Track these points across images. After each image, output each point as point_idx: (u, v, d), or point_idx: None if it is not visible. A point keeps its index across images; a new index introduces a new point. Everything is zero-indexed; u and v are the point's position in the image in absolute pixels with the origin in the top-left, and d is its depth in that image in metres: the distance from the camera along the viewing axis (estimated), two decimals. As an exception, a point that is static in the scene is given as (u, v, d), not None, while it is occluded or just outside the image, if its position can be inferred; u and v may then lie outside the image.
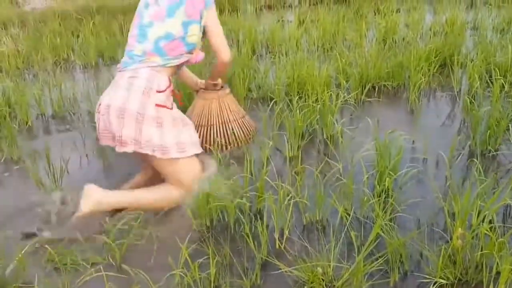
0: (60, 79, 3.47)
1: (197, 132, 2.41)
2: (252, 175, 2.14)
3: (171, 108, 2.05)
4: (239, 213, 1.88)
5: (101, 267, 1.66)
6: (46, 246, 1.76)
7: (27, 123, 3.01)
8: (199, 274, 1.55)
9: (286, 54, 3.64)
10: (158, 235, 1.87)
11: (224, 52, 2.18)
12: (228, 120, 2.43)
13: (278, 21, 5.06)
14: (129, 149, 1.97)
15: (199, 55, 2.20)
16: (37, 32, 5.03)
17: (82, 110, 3.18)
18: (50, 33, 4.77)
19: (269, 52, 4.01)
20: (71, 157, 2.49)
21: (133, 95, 1.97)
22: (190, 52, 2.14)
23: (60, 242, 1.82)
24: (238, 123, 2.45)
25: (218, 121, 2.40)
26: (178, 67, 2.18)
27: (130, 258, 1.76)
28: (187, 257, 1.58)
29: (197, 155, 2.07)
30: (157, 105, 1.98)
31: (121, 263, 1.72)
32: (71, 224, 1.94)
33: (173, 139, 1.99)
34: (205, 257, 1.65)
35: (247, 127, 2.49)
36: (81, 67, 4.17)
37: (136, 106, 1.95)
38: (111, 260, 1.73)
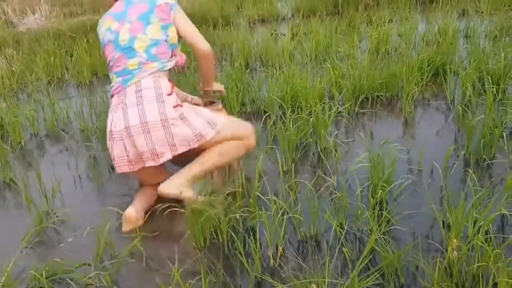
0: (54, 98, 3.47)
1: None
2: (245, 189, 2.12)
3: (182, 105, 2.09)
4: (232, 231, 1.85)
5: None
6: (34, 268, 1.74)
7: (19, 143, 3.00)
8: (191, 295, 1.52)
9: (279, 67, 3.65)
10: (149, 255, 1.85)
11: (202, 42, 2.19)
12: None
13: (271, 34, 5.08)
14: (167, 157, 2.01)
15: (183, 56, 2.27)
16: (31, 52, 5.05)
17: (75, 129, 3.16)
18: (44, 52, 4.78)
19: (263, 66, 4.02)
20: (64, 177, 2.48)
21: (149, 107, 1.98)
22: (174, 54, 2.19)
23: (50, 264, 1.79)
24: None
25: None
26: (170, 72, 2.21)
27: (121, 279, 1.73)
28: (179, 278, 1.55)
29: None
30: (174, 106, 2.02)
31: (113, 285, 1.69)
32: (62, 245, 1.92)
33: (201, 122, 2.06)
34: (198, 276, 1.62)
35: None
36: (75, 85, 4.18)
37: (157, 116, 1.97)
38: (103, 281, 1.70)
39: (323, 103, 2.81)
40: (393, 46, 4.08)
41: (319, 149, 2.52)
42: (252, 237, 1.79)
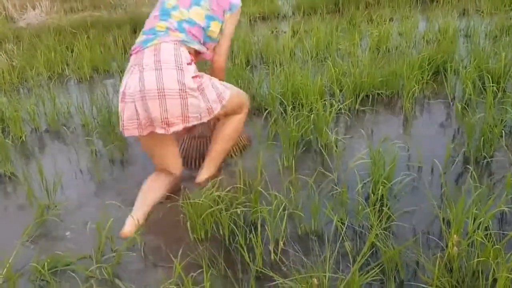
0: (55, 93, 3.47)
1: (190, 144, 2.41)
2: (246, 185, 2.12)
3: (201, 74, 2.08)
4: (233, 225, 1.86)
5: (93, 282, 1.64)
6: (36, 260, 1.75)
7: (20, 137, 3.00)
8: (192, 288, 1.53)
9: (280, 64, 3.65)
10: (151, 248, 1.85)
11: (223, 54, 2.27)
12: None
13: (272, 31, 5.08)
14: (178, 128, 1.98)
15: (214, 55, 2.25)
16: (32, 47, 5.04)
17: (76, 124, 3.17)
18: (45, 48, 4.77)
19: (263, 63, 4.02)
20: (65, 172, 2.48)
21: (167, 73, 1.93)
22: (207, 46, 2.16)
23: (51, 256, 1.80)
24: None
25: (211, 133, 2.39)
26: (196, 56, 2.17)
27: (123, 272, 1.74)
28: (180, 271, 1.56)
29: None
30: (193, 77, 1.98)
31: (114, 278, 1.70)
32: (63, 238, 1.93)
33: (214, 95, 2.07)
34: (199, 270, 1.63)
35: (240, 137, 2.48)
36: (76, 81, 4.17)
37: (175, 84, 1.93)
38: (104, 273, 1.71)
39: (324, 100, 2.81)
40: (393, 44, 4.09)
41: (319, 146, 2.53)
42: (253, 232, 1.80)
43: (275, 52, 4.01)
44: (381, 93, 3.11)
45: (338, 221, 1.83)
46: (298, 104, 2.88)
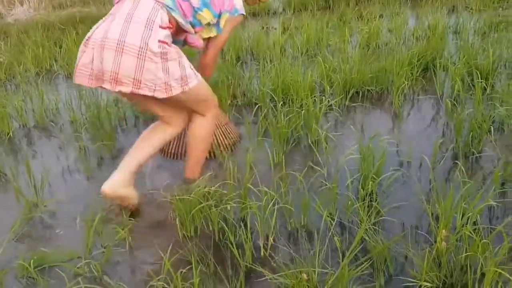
0: (43, 89, 3.43)
1: (180, 140, 2.40)
2: (236, 181, 2.12)
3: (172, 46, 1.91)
4: (223, 221, 1.85)
5: (80, 280, 1.63)
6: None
7: (8, 134, 2.96)
8: (182, 284, 1.52)
9: (270, 60, 3.65)
10: (140, 244, 1.84)
11: (213, 54, 2.26)
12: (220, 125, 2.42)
13: (263, 28, 5.07)
14: (125, 89, 1.81)
15: (199, 41, 2.15)
16: (19, 43, 4.98)
17: (64, 120, 3.13)
18: (33, 43, 4.72)
19: (254, 59, 4.01)
20: (53, 168, 2.46)
21: (133, 27, 1.80)
22: (195, 29, 2.08)
23: (38, 253, 1.78)
24: (221, 130, 2.44)
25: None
26: (179, 32, 2.03)
27: (112, 269, 1.73)
28: (169, 267, 1.55)
29: None
30: (160, 41, 1.81)
31: (102, 274, 1.68)
32: (51, 235, 1.91)
33: (178, 74, 1.87)
34: (189, 266, 1.62)
35: (230, 133, 2.48)
36: (64, 77, 4.13)
37: (138, 40, 1.78)
38: (93, 270, 1.69)
39: (314, 97, 2.81)
40: (383, 41, 4.10)
41: (310, 142, 2.53)
42: (243, 227, 1.79)
43: (266, 48, 4.01)
44: (371, 89, 3.12)
45: (328, 216, 1.83)
46: (289, 100, 2.88)
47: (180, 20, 1.97)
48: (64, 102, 3.29)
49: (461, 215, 1.69)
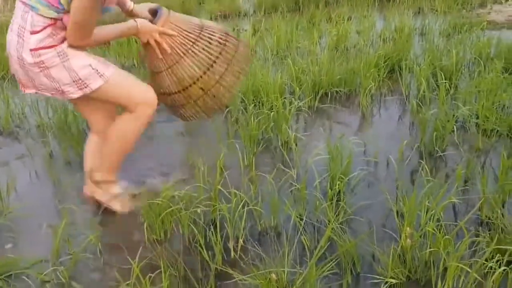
0: (8, 93, 3.35)
1: (171, 74, 2.03)
2: (206, 184, 2.12)
3: (57, 44, 1.77)
4: (193, 224, 1.86)
5: (48, 286, 1.60)
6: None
7: (-28, 140, 2.89)
8: (151, 288, 1.52)
9: (240, 62, 3.65)
10: (109, 249, 1.83)
11: (71, 38, 1.79)
12: (193, 41, 1.99)
13: (233, 29, 5.08)
14: (31, 91, 1.89)
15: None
16: (-17, 46, 4.84)
17: (31, 125, 3.07)
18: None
19: (224, 61, 4.01)
20: (19, 174, 2.41)
21: (10, 38, 1.81)
22: (66, 10, 1.77)
23: (4, 260, 1.74)
24: (205, 38, 2.01)
25: (183, 49, 1.98)
26: (55, 22, 1.78)
27: (79, 275, 1.71)
28: (138, 272, 1.54)
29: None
30: (32, 50, 1.74)
31: (70, 280, 1.66)
32: (17, 243, 1.87)
33: (69, 79, 1.79)
34: (158, 270, 1.62)
35: (218, 35, 2.04)
36: (31, 80, 4.04)
37: (14, 52, 1.80)
38: (60, 277, 1.67)
39: (284, 98, 2.84)
40: (351, 43, 4.17)
41: (279, 143, 2.55)
42: (213, 230, 1.80)
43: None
44: (339, 90, 3.17)
45: (297, 216, 1.85)
46: (259, 102, 2.90)
47: (52, 11, 1.74)
48: (30, 106, 3.22)
49: (425, 213, 1.74)
